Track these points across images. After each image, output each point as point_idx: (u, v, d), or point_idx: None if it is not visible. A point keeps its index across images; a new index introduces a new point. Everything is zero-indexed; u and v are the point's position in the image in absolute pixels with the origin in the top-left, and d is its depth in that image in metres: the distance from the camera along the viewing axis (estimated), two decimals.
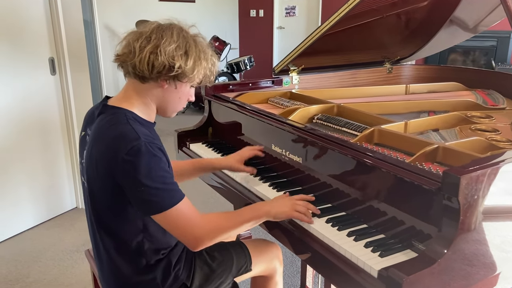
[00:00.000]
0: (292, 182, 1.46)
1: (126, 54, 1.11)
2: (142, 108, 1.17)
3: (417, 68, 2.60)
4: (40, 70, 2.69)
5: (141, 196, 1.04)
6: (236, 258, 1.37)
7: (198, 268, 1.29)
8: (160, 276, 1.21)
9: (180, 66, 1.10)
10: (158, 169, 1.05)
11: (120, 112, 1.13)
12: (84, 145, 1.20)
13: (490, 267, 1.08)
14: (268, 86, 2.15)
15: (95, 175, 1.11)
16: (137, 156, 1.03)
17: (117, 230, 1.15)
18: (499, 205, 1.06)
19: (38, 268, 2.35)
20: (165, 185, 1.06)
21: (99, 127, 1.13)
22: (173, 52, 1.09)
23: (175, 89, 1.16)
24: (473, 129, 1.56)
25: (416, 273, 0.89)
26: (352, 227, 1.17)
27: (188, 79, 1.15)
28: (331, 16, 1.82)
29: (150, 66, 1.08)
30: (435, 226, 0.99)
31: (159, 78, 1.12)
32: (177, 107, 1.23)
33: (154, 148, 1.06)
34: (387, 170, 1.10)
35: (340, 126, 1.60)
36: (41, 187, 2.81)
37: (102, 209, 1.14)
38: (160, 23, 1.15)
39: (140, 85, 1.14)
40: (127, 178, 1.04)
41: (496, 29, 1.87)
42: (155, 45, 1.08)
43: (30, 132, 2.68)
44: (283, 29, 7.14)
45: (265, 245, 1.48)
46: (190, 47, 1.12)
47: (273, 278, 1.49)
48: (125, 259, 1.18)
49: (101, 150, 1.08)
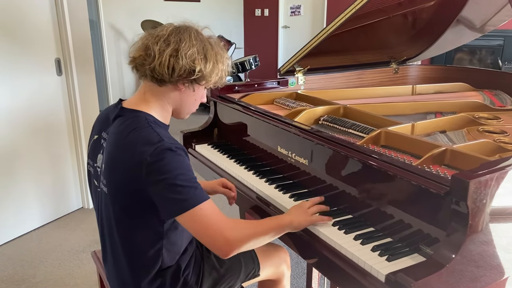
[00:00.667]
0: (298, 184, 1.46)
1: (143, 57, 1.10)
2: (159, 110, 1.16)
3: (423, 68, 2.58)
4: (46, 71, 2.70)
5: (167, 195, 1.02)
6: (244, 263, 1.36)
7: (207, 273, 1.28)
8: (169, 281, 1.20)
9: (200, 70, 1.10)
10: (182, 168, 1.04)
11: (140, 115, 1.12)
12: (98, 149, 1.18)
13: (497, 269, 1.07)
14: (274, 87, 2.14)
15: (116, 181, 1.09)
16: (161, 157, 1.02)
17: (135, 237, 1.13)
18: (506, 206, 1.05)
19: (44, 268, 2.36)
20: (190, 183, 1.04)
21: (119, 131, 1.11)
22: (193, 56, 1.09)
23: (193, 92, 1.17)
24: (481, 131, 1.55)
25: (424, 278, 0.88)
26: (359, 230, 1.16)
27: (205, 82, 1.15)
28: (337, 17, 1.81)
29: (170, 70, 1.08)
30: (443, 230, 0.98)
31: (178, 81, 1.12)
32: (192, 109, 1.23)
33: (177, 149, 1.05)
34: (394, 173, 1.09)
35: (346, 127, 1.59)
36: (47, 188, 2.82)
37: (122, 215, 1.12)
38: (176, 25, 1.14)
39: (157, 88, 1.14)
40: (153, 180, 1.02)
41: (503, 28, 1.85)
42: (174, 49, 1.08)
43: (36, 132, 2.69)
44: (288, 28, 7.13)
45: (273, 249, 1.48)
46: (208, 50, 1.12)
47: (280, 283, 1.48)
48: (140, 265, 1.17)
49: (124, 154, 1.06)
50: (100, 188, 1.17)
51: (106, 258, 1.25)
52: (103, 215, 1.19)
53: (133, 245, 1.15)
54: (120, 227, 1.14)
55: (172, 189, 1.01)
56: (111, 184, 1.10)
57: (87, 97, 2.94)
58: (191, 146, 1.98)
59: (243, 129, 1.80)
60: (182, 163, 1.04)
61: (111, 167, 1.10)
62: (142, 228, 1.12)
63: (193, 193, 1.03)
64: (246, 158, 1.74)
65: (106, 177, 1.11)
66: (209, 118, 2.06)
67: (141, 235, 1.13)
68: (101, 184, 1.15)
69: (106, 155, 1.13)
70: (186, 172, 1.04)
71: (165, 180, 1.01)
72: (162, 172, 1.01)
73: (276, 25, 7.19)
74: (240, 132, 1.82)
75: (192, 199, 1.02)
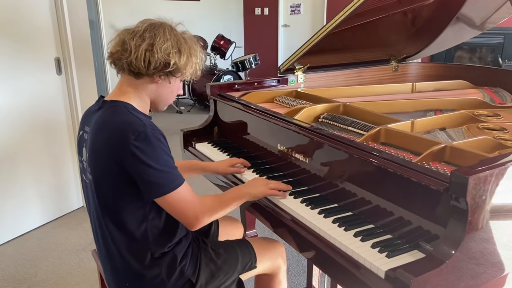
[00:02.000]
0: (298, 182, 1.46)
1: (121, 52, 1.17)
2: (138, 101, 1.23)
3: (423, 66, 2.58)
4: (46, 70, 2.70)
5: (149, 179, 1.10)
6: (241, 255, 1.39)
7: (204, 265, 1.31)
8: (165, 271, 1.23)
9: (175, 63, 1.18)
10: (164, 153, 1.13)
11: (120, 104, 1.19)
12: (83, 143, 1.24)
13: (498, 266, 1.07)
14: (274, 85, 2.14)
15: (100, 165, 1.15)
16: (146, 141, 1.10)
17: (123, 221, 1.18)
18: (506, 203, 1.05)
19: (45, 267, 2.37)
20: (170, 168, 1.14)
21: (100, 119, 1.18)
22: (167, 49, 1.16)
23: (169, 84, 1.24)
24: (481, 128, 1.55)
25: (424, 274, 0.88)
26: (358, 227, 1.16)
27: (181, 74, 1.23)
28: (337, 15, 1.81)
29: (146, 63, 1.15)
30: (443, 227, 0.99)
31: (154, 74, 1.19)
32: (169, 100, 1.31)
33: (158, 134, 1.14)
34: (394, 170, 1.09)
35: (346, 125, 1.59)
36: (48, 187, 2.83)
37: (108, 200, 1.17)
38: (151, 22, 1.21)
39: (134, 81, 1.21)
40: (136, 163, 1.09)
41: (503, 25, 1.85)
42: (150, 43, 1.15)
43: (37, 132, 2.70)
44: (288, 27, 7.13)
45: (269, 243, 1.50)
46: (182, 45, 1.20)
47: (277, 276, 1.50)
48: (130, 251, 1.20)
49: (106, 138, 1.13)
50: (88, 180, 1.22)
51: (101, 252, 1.28)
52: (92, 206, 1.24)
53: (123, 230, 1.18)
54: (106, 214, 1.19)
55: (154, 173, 1.10)
56: (96, 171, 1.17)
57: (87, 96, 2.94)
58: (191, 145, 1.98)
59: (243, 127, 1.80)
60: (164, 149, 1.13)
61: (95, 153, 1.16)
62: (126, 212, 1.16)
63: (171, 177, 1.13)
64: (246, 156, 1.74)
65: (91, 165, 1.17)
66: (209, 116, 2.06)
67: (127, 219, 1.17)
68: (88, 174, 1.21)
69: (89, 145, 1.19)
70: (167, 157, 1.13)
71: (147, 164, 1.09)
72: (145, 156, 1.09)
73: (276, 24, 7.19)
74: (240, 130, 1.82)
75: (171, 183, 1.13)
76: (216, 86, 2.01)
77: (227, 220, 1.67)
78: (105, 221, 1.20)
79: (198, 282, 1.28)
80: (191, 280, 1.27)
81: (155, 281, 1.22)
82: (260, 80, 2.12)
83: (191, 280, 1.27)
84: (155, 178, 1.11)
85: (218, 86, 2.01)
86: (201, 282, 1.29)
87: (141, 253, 1.21)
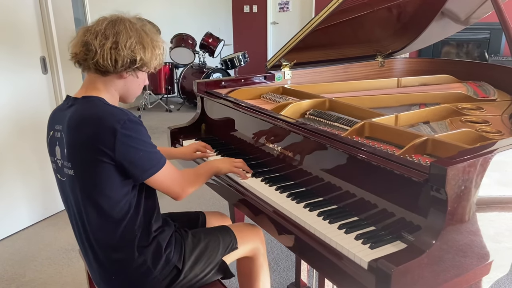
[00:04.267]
0: (285, 177, 1.47)
1: (84, 52, 1.19)
2: (108, 96, 1.25)
3: (409, 61, 2.61)
4: (31, 69, 2.68)
5: (140, 162, 1.16)
6: (222, 238, 1.43)
7: (188, 251, 1.34)
8: (151, 259, 1.25)
9: (141, 58, 1.21)
10: (147, 136, 1.19)
11: (94, 99, 1.21)
12: (54, 142, 1.25)
13: (484, 257, 1.09)
14: (261, 82, 2.15)
15: (82, 158, 1.16)
16: (132, 128, 1.15)
17: (107, 212, 1.19)
18: (492, 195, 1.07)
19: (34, 267, 2.35)
20: (155, 148, 1.21)
21: (77, 115, 1.18)
22: (132, 46, 1.19)
23: (137, 78, 1.27)
24: (464, 121, 1.57)
25: (405, 263, 0.90)
26: (343, 220, 1.18)
27: (147, 68, 1.26)
28: (322, 11, 1.82)
29: (113, 62, 1.18)
30: (424, 217, 1.00)
31: (122, 71, 1.21)
32: (137, 92, 1.34)
33: (139, 120, 1.19)
34: (377, 163, 1.11)
35: (331, 120, 1.60)
36: (36, 187, 2.81)
37: (92, 192, 1.17)
38: (110, 19, 1.22)
39: (101, 78, 1.23)
40: (127, 149, 1.14)
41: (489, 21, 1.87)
42: (114, 41, 1.17)
43: (23, 131, 2.68)
44: (277, 24, 7.14)
45: (247, 227, 1.54)
46: (144, 39, 1.22)
47: (258, 259, 1.53)
48: (115, 243, 1.22)
49: (90, 131, 1.14)
50: (64, 178, 1.23)
51: (85, 249, 1.28)
52: (72, 203, 1.24)
53: (105, 222, 1.20)
54: (89, 206, 1.19)
55: (144, 155, 1.17)
56: (76, 164, 1.17)
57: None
58: (179, 142, 1.98)
59: (230, 124, 1.81)
60: (146, 133, 1.20)
61: (75, 148, 1.17)
62: (110, 202, 1.18)
63: (158, 157, 1.21)
64: (234, 152, 1.75)
65: (71, 159, 1.18)
66: (196, 113, 2.06)
67: (111, 210, 1.19)
68: (65, 170, 1.21)
69: (66, 140, 1.19)
70: (149, 140, 1.20)
71: (137, 148, 1.15)
72: (134, 141, 1.14)
73: (264, 21, 7.20)
74: (227, 127, 1.83)
75: (159, 162, 1.21)
76: (203, 83, 2.01)
77: (215, 215, 1.68)
78: (88, 215, 1.20)
79: (184, 268, 1.31)
80: (177, 267, 1.30)
81: (141, 269, 1.24)
82: (247, 77, 2.13)
83: (177, 266, 1.30)
84: (145, 160, 1.17)
85: (205, 83, 2.02)
86: (187, 267, 1.32)
87: (126, 244, 1.22)
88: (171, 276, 1.29)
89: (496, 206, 1.10)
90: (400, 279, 0.90)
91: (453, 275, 1.02)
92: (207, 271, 1.37)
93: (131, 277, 1.25)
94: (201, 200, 3.16)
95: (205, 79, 2.15)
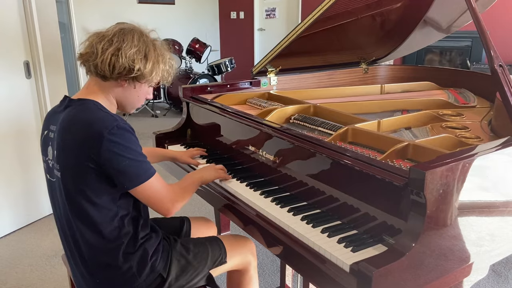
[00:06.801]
0: (269, 182, 1.48)
1: (89, 54, 1.20)
2: (105, 101, 1.25)
3: (392, 69, 2.65)
4: (14, 74, 2.65)
5: (126, 169, 1.14)
6: (211, 250, 1.41)
7: (175, 260, 1.33)
8: (136, 266, 1.24)
9: (139, 69, 1.20)
10: (136, 145, 1.18)
11: (88, 102, 1.22)
12: (48, 142, 1.25)
13: (465, 260, 1.12)
14: (246, 88, 2.16)
15: (70, 162, 1.16)
16: (120, 134, 1.13)
17: (93, 218, 1.18)
18: (473, 200, 1.09)
19: (16, 274, 2.32)
20: (144, 158, 1.19)
21: (69, 117, 1.19)
22: (133, 56, 1.19)
23: (134, 88, 1.26)
24: (444, 127, 1.61)
25: (385, 266, 0.91)
26: (326, 224, 1.19)
27: (146, 80, 1.25)
28: (306, 18, 1.85)
29: (111, 67, 1.18)
30: (405, 221, 1.02)
31: (119, 78, 1.21)
32: (136, 104, 1.33)
33: (130, 128, 1.18)
34: (359, 168, 1.13)
35: (316, 126, 1.63)
36: (18, 193, 2.76)
37: (77, 197, 1.17)
38: (122, 27, 1.24)
39: (102, 82, 1.24)
40: (113, 156, 1.12)
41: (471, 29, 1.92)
42: (116, 48, 1.18)
43: (6, 137, 2.64)
44: (264, 30, 7.18)
45: (239, 240, 1.52)
46: (150, 51, 1.23)
47: (248, 272, 1.52)
48: (101, 248, 1.21)
49: (78, 135, 1.14)
50: (54, 178, 1.22)
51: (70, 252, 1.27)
52: (60, 205, 1.23)
53: (90, 228, 1.19)
54: (74, 212, 1.19)
55: (130, 164, 1.14)
56: (64, 167, 1.17)
57: (57, 100, 2.84)
58: (164, 147, 1.98)
59: (216, 129, 1.81)
60: (135, 140, 1.18)
61: (64, 151, 1.17)
62: (96, 209, 1.17)
63: (145, 167, 1.18)
64: (219, 157, 1.75)
65: (60, 161, 1.18)
66: (182, 119, 2.06)
67: (96, 216, 1.18)
68: (55, 172, 1.20)
69: (57, 141, 1.19)
70: (139, 148, 1.18)
71: (123, 155, 1.13)
72: (121, 148, 1.13)
73: (251, 28, 7.23)
74: (212, 132, 1.84)
75: (146, 172, 1.18)
76: (189, 88, 2.02)
77: (200, 220, 1.68)
78: (73, 220, 1.20)
79: (169, 277, 1.30)
80: (162, 275, 1.29)
81: (126, 276, 1.23)
82: (233, 82, 2.14)
83: (162, 275, 1.29)
84: (131, 168, 1.15)
85: (191, 89, 2.02)
86: (172, 277, 1.30)
87: (112, 250, 1.21)
88: (155, 284, 1.28)
89: (477, 210, 1.13)
90: (381, 281, 0.91)
91: (434, 277, 1.04)
92: (193, 283, 1.36)
93: (116, 283, 1.24)
94: (186, 206, 3.15)
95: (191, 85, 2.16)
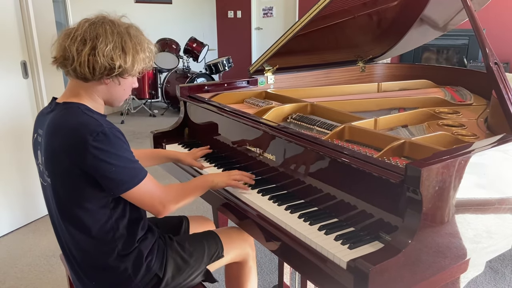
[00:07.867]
0: (266, 180, 1.49)
1: (64, 58, 1.14)
2: (90, 102, 1.20)
3: (389, 67, 2.66)
4: (11, 74, 2.64)
5: (112, 176, 1.10)
6: (207, 247, 1.40)
7: (171, 259, 1.32)
8: (132, 267, 1.23)
9: (120, 65, 1.14)
10: (124, 150, 1.13)
11: (73, 105, 1.17)
12: (37, 146, 1.23)
13: (462, 256, 1.13)
14: (244, 86, 2.17)
15: (57, 168, 1.13)
16: (105, 141, 1.09)
17: (84, 224, 1.17)
18: (470, 197, 1.10)
19: (14, 274, 2.32)
20: (132, 163, 1.15)
21: (53, 122, 1.15)
22: (110, 52, 1.12)
23: (119, 84, 1.21)
24: (441, 125, 1.62)
25: (381, 262, 0.92)
26: (323, 221, 1.20)
27: (128, 74, 1.20)
28: (302, 17, 1.85)
29: (91, 69, 1.13)
30: (402, 218, 1.03)
31: (101, 78, 1.16)
32: (123, 97, 1.28)
33: (116, 131, 1.13)
34: (356, 166, 1.13)
35: (313, 124, 1.63)
36: (16, 193, 2.76)
37: (67, 204, 1.16)
38: (91, 21, 1.16)
39: (83, 84, 1.18)
40: (98, 163, 1.09)
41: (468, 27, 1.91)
42: (91, 47, 1.11)
43: (3, 137, 2.64)
44: (261, 29, 7.18)
45: (236, 232, 1.51)
46: (126, 43, 1.15)
47: (246, 263, 1.52)
48: (95, 252, 1.20)
49: (62, 141, 1.11)
50: (45, 183, 1.21)
51: (65, 253, 1.27)
52: (53, 208, 1.22)
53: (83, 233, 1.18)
54: (65, 218, 1.18)
55: (116, 171, 1.10)
56: (52, 173, 1.15)
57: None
58: (162, 146, 1.98)
59: (213, 128, 1.82)
60: (123, 145, 1.13)
61: (51, 157, 1.14)
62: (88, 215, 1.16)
63: (134, 172, 1.14)
64: (217, 156, 1.76)
65: (48, 167, 1.16)
66: (179, 118, 2.07)
67: (88, 222, 1.17)
68: (45, 177, 1.19)
69: (44, 147, 1.17)
70: (127, 153, 1.14)
71: (109, 162, 1.09)
72: (106, 155, 1.09)
73: (249, 27, 7.23)
74: (210, 131, 1.84)
75: (135, 178, 1.14)
76: (186, 87, 2.02)
77: (198, 219, 1.68)
78: (65, 225, 1.19)
79: (165, 277, 1.29)
80: (158, 275, 1.28)
81: (122, 277, 1.23)
82: (230, 81, 2.14)
83: (158, 275, 1.28)
84: (118, 175, 1.11)
85: (188, 88, 2.02)
86: (168, 276, 1.30)
87: (107, 253, 1.21)
88: (151, 284, 1.28)
89: (474, 208, 1.14)
90: (378, 278, 0.92)
91: (431, 273, 1.05)
92: (190, 280, 1.36)
93: (112, 284, 1.24)
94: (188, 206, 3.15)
95: (188, 84, 2.16)
